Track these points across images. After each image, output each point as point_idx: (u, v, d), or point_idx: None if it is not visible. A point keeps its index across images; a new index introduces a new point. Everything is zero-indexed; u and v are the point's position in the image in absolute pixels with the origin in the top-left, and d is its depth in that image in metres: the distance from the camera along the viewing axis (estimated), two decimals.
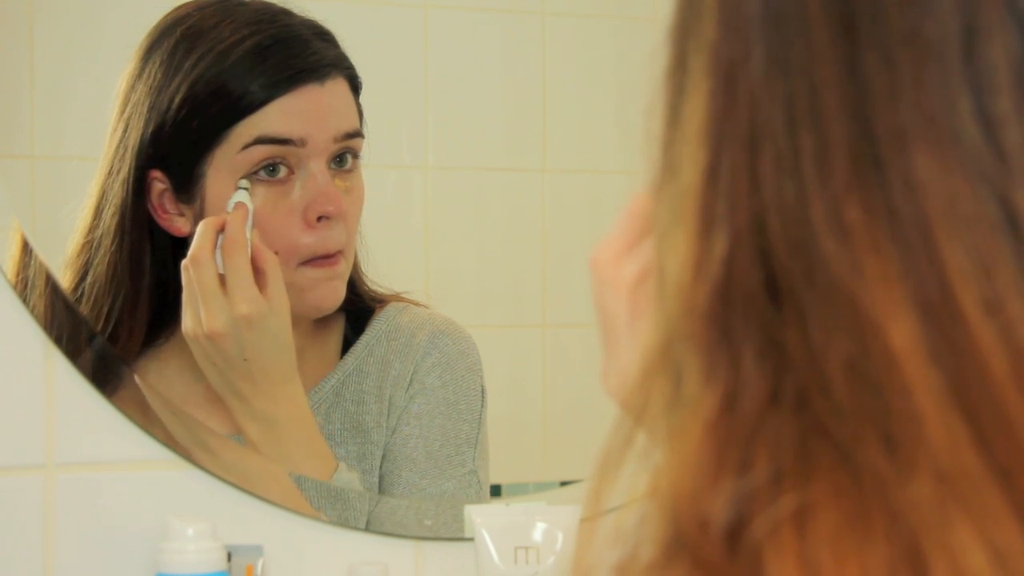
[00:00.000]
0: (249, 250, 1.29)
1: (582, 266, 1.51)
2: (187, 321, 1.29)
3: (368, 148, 1.38)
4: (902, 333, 0.53)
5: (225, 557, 1.20)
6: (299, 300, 1.32)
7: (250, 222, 1.30)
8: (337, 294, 1.35)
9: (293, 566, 1.33)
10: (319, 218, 1.32)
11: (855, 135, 0.54)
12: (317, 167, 1.32)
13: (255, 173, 1.31)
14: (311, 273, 1.33)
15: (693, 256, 0.56)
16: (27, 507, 1.26)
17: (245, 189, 1.30)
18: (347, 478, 1.35)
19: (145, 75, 1.30)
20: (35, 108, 1.33)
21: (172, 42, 1.30)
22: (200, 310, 1.28)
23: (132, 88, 1.30)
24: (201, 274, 1.28)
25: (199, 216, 1.30)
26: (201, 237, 1.29)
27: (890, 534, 0.51)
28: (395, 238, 1.41)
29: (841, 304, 0.53)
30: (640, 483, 0.56)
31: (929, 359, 0.52)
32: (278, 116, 1.30)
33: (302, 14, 1.34)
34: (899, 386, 0.52)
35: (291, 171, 1.31)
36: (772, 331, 0.54)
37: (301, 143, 1.31)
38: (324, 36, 1.34)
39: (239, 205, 1.30)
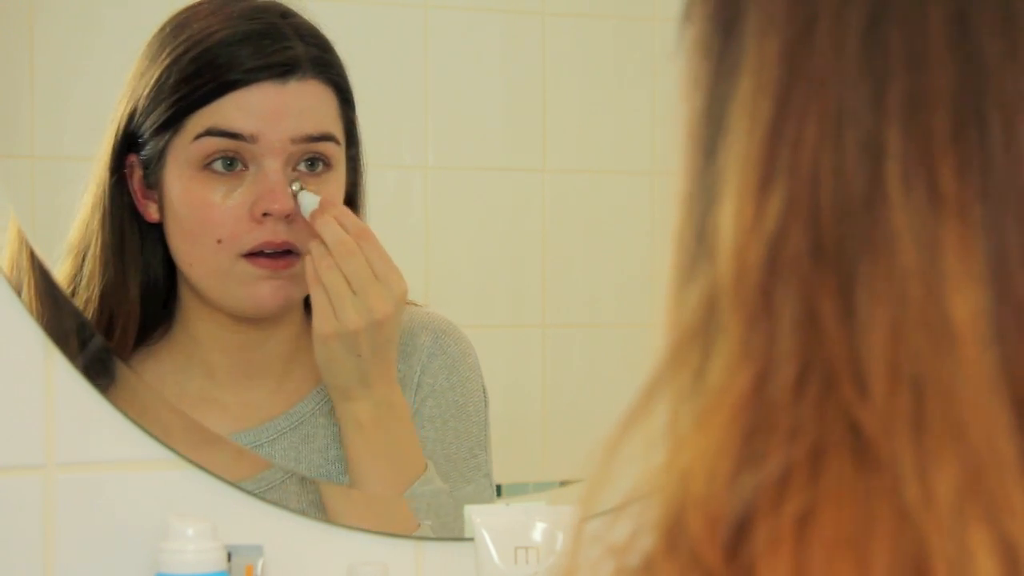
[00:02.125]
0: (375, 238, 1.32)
1: (582, 266, 1.51)
2: (346, 316, 1.30)
3: (368, 148, 1.38)
4: (966, 304, 0.50)
5: (225, 557, 1.20)
6: (239, 293, 1.32)
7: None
8: (280, 293, 1.32)
9: (293, 566, 1.32)
10: (264, 214, 1.31)
11: (961, 89, 0.51)
12: (271, 165, 1.31)
13: (209, 165, 1.30)
14: (251, 269, 1.31)
15: (750, 214, 0.53)
16: (27, 507, 1.26)
17: (304, 190, 1.31)
18: (432, 476, 1.36)
19: (135, 67, 1.31)
20: (35, 108, 1.33)
21: (162, 35, 1.31)
22: (364, 299, 1.30)
23: (128, 80, 1.31)
24: (350, 266, 1.30)
25: (162, 204, 1.31)
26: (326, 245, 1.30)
27: (897, 539, 0.49)
28: (395, 238, 1.41)
29: (899, 268, 0.51)
30: (654, 458, 0.54)
31: (988, 335, 0.50)
32: (231, 110, 1.30)
33: (302, 15, 1.34)
34: (947, 362, 0.50)
35: (245, 167, 1.31)
36: (811, 301, 0.52)
37: (252, 139, 1.30)
38: (307, 37, 1.33)
39: (325, 203, 1.31)
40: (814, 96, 0.53)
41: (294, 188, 1.32)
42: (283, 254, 1.31)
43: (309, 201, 1.31)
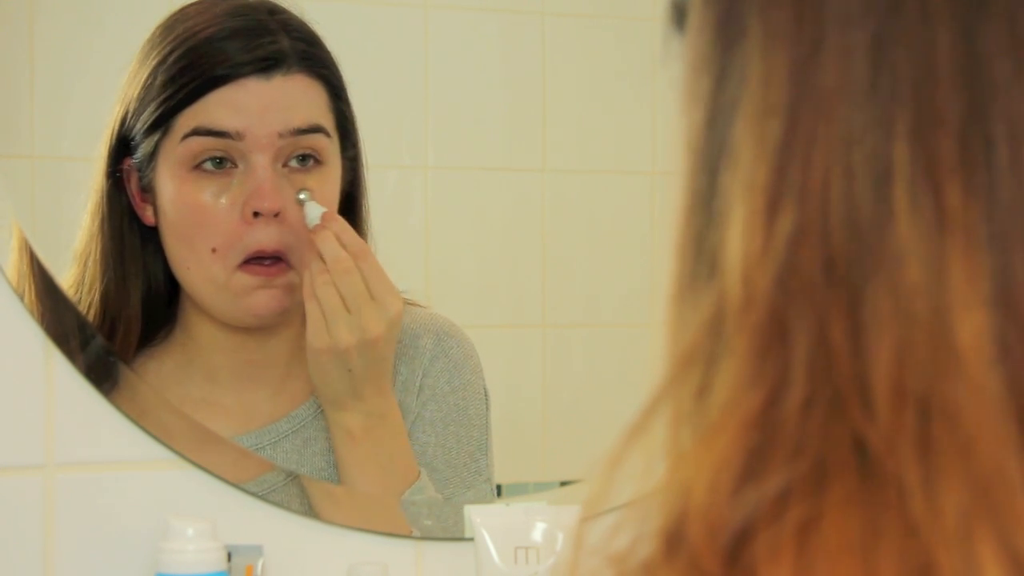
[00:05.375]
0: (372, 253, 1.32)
1: (582, 266, 1.50)
2: (338, 333, 1.30)
3: (368, 148, 1.37)
4: (971, 326, 0.50)
5: (225, 557, 1.20)
6: (234, 304, 1.32)
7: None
8: (275, 302, 1.32)
9: (293, 566, 1.32)
10: (255, 214, 1.30)
11: (968, 109, 0.51)
12: (260, 162, 1.30)
13: (199, 165, 1.30)
14: (246, 279, 1.31)
15: (759, 238, 0.53)
16: (27, 507, 1.26)
17: (311, 200, 1.31)
18: (425, 485, 1.36)
19: (128, 70, 1.31)
20: (35, 108, 1.33)
21: (152, 38, 1.31)
22: (358, 318, 1.30)
23: (121, 84, 1.31)
24: (348, 284, 1.30)
25: (156, 207, 1.31)
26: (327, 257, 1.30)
27: (903, 551, 0.49)
28: (395, 238, 1.41)
29: (905, 288, 0.51)
30: (655, 472, 0.54)
31: (994, 357, 0.50)
32: (216, 107, 1.30)
33: (292, 11, 1.34)
34: (953, 381, 0.50)
35: (235, 165, 1.31)
36: (822, 323, 0.52)
37: (238, 136, 1.30)
38: (293, 31, 1.33)
39: (327, 217, 1.31)
40: (822, 117, 0.52)
41: (301, 197, 1.31)
42: (276, 262, 1.31)
43: (313, 213, 1.31)
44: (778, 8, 0.54)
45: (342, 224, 1.31)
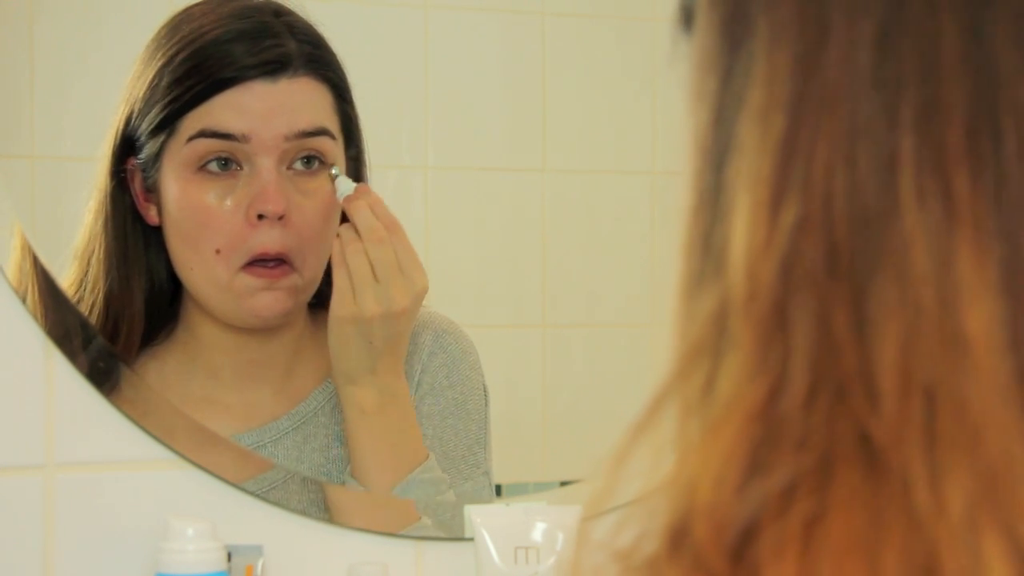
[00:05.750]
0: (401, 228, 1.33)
1: (582, 266, 1.50)
2: (365, 302, 1.31)
3: (368, 148, 1.38)
4: (980, 315, 0.50)
5: (225, 557, 1.20)
6: (236, 306, 1.32)
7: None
8: (278, 305, 1.32)
9: (293, 566, 1.33)
10: (259, 216, 1.31)
11: (975, 100, 0.51)
12: (265, 164, 1.31)
13: (204, 166, 1.30)
14: (249, 281, 1.31)
15: (762, 230, 0.53)
16: (27, 507, 1.26)
17: (342, 175, 1.33)
18: (433, 466, 1.36)
19: (133, 70, 1.31)
20: (35, 108, 1.33)
21: (157, 38, 1.31)
22: (386, 289, 1.31)
23: (126, 84, 1.32)
24: (380, 253, 1.31)
25: (160, 208, 1.31)
26: (367, 221, 1.31)
27: (907, 546, 0.49)
28: None
29: (912, 278, 0.51)
30: (661, 468, 0.54)
31: (1003, 346, 0.50)
32: (223, 110, 1.30)
33: (298, 12, 1.34)
34: (960, 371, 0.50)
35: (240, 167, 1.31)
36: (825, 315, 0.52)
37: (244, 139, 1.30)
38: (299, 34, 1.33)
39: (361, 189, 1.33)
40: (827, 109, 0.53)
41: (334, 172, 1.33)
42: (279, 264, 1.32)
43: (345, 187, 1.32)
44: (784, 5, 0.54)
45: (376, 197, 1.33)
